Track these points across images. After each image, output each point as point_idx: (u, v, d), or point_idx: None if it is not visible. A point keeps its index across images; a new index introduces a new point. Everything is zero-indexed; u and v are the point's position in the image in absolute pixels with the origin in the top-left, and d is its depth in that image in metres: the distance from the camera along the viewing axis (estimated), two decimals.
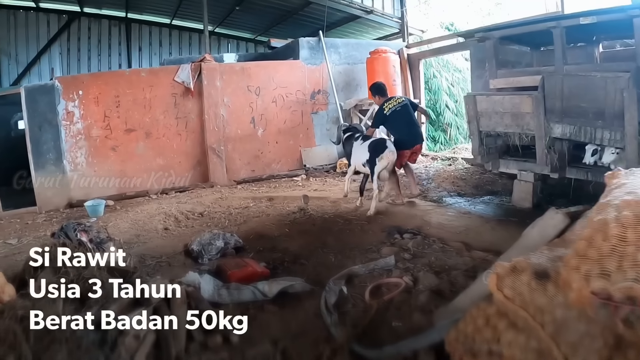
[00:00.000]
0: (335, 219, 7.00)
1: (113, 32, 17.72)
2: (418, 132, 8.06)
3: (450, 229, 6.24)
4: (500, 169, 7.91)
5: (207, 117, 10.59)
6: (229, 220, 7.41)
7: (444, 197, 8.33)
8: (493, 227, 6.27)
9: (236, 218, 7.52)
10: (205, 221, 7.51)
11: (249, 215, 7.65)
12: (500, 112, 7.27)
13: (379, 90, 8.08)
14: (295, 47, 11.90)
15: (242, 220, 7.39)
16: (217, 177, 10.64)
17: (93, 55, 17.37)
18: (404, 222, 6.58)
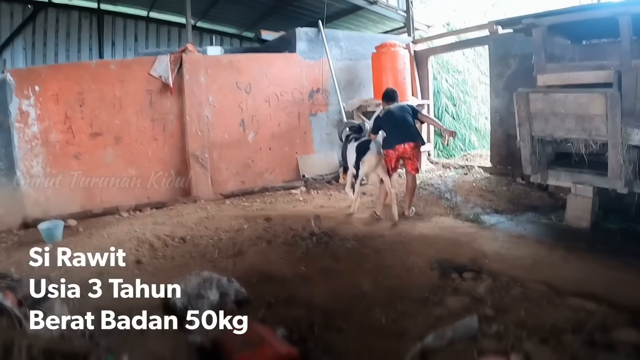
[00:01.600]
0: (361, 249, 5.47)
1: (84, 25, 15.65)
2: (404, 132, 6.86)
3: (514, 262, 4.94)
4: (548, 182, 6.72)
5: (188, 118, 8.83)
6: (219, 250, 5.78)
7: (480, 215, 7.01)
8: (564, 257, 5.06)
9: (228, 246, 5.90)
10: (188, 250, 5.88)
11: (244, 241, 6.02)
12: (560, 114, 6.05)
13: (387, 97, 7.23)
14: (291, 39, 10.23)
15: (237, 249, 5.76)
16: (201, 190, 8.89)
17: (61, 50, 15.30)
18: (449, 252, 5.23)
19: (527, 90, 6.37)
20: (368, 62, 10.36)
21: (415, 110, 7.08)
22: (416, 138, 6.85)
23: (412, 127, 6.89)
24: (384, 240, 5.66)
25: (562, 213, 6.65)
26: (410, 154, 6.77)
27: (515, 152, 8.95)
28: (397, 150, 6.74)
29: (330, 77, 10.13)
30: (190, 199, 8.66)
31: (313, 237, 5.85)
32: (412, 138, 6.78)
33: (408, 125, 6.83)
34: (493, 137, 9.69)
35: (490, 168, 9.64)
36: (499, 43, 9.42)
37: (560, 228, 6.24)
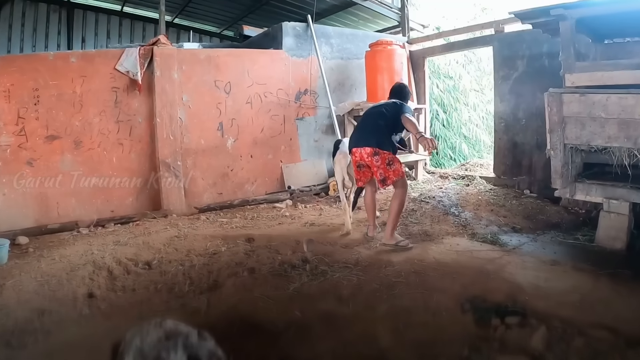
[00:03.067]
0: (370, 283, 4.33)
1: (52, 19, 14.17)
2: (361, 134, 5.82)
3: (559, 298, 3.95)
4: (576, 196, 5.73)
5: (159, 120, 7.67)
6: (191, 280, 4.63)
7: (497, 235, 6.07)
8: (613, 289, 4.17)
9: (202, 275, 4.75)
10: (153, 279, 4.71)
11: (221, 269, 4.88)
12: (600, 119, 5.17)
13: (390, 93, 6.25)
14: (276, 35, 9.15)
15: (212, 280, 4.63)
16: (173, 202, 7.72)
17: (26, 46, 13.72)
18: (478, 286, 4.23)
19: (560, 91, 5.42)
20: (361, 61, 9.37)
21: (399, 111, 5.62)
22: (371, 143, 5.55)
23: (375, 129, 5.62)
24: (395, 270, 4.58)
25: (587, 231, 5.96)
26: (367, 162, 5.59)
27: (522, 162, 8.21)
28: (354, 155, 5.76)
29: (320, 77, 9.10)
30: (160, 213, 7.51)
31: (306, 266, 4.77)
32: (367, 142, 5.58)
33: (369, 127, 5.70)
34: (497, 146, 8.79)
35: (494, 179, 8.77)
36: (504, 43, 8.61)
37: (592, 250, 5.37)
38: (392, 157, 5.52)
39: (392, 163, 5.47)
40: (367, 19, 12.66)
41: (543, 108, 7.66)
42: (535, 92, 7.85)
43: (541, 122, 7.72)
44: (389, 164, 5.45)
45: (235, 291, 4.30)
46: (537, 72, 7.93)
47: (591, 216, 6.59)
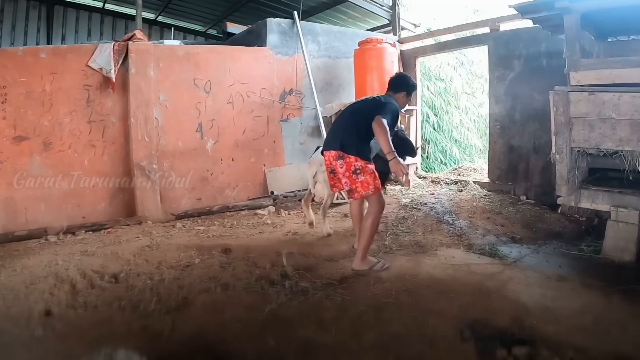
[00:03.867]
0: (355, 304, 3.78)
1: (31, 16, 13.53)
2: (332, 135, 4.90)
3: (570, 321, 3.47)
4: (581, 204, 5.28)
5: (133, 121, 7.12)
6: (158, 296, 4.06)
7: (497, 246, 5.56)
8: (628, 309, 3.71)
9: (171, 291, 4.17)
10: (118, 294, 4.16)
11: (192, 284, 4.32)
12: (610, 120, 4.73)
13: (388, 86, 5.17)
14: (260, 32, 8.61)
15: (181, 297, 4.04)
16: (148, 209, 7.16)
17: (4, 43, 12.94)
18: (479, 308, 3.71)
19: (567, 89, 4.93)
20: (349, 60, 8.90)
21: (374, 110, 4.57)
22: (336, 145, 4.67)
23: (344, 129, 4.75)
24: (384, 289, 4.03)
25: (592, 241, 5.55)
26: (334, 166, 4.74)
27: (518, 166, 7.79)
28: (325, 159, 4.90)
29: (306, 76, 8.57)
30: (134, 220, 6.97)
31: (286, 282, 4.22)
32: (334, 144, 4.71)
33: (340, 127, 4.86)
34: (492, 149, 8.32)
35: (489, 184, 8.32)
36: (500, 42, 8.17)
37: (600, 263, 4.92)
38: (361, 166, 4.54)
39: (359, 173, 4.54)
40: (356, 18, 12.15)
41: (541, 110, 7.37)
42: (532, 93, 7.50)
43: (539, 124, 7.40)
44: (355, 173, 4.54)
45: (204, 311, 3.75)
46: (535, 73, 7.52)
47: (593, 224, 6.20)
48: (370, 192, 4.54)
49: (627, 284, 4.06)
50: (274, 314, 3.62)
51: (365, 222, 4.63)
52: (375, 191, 4.56)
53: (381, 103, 4.67)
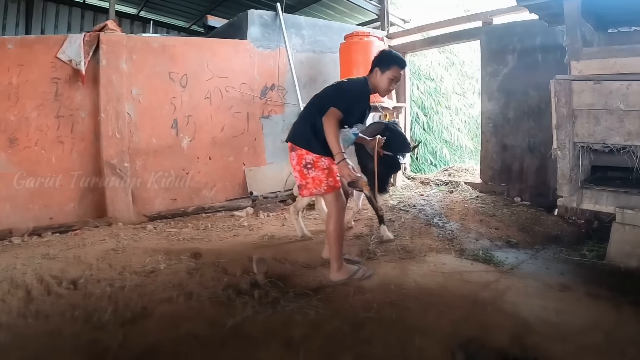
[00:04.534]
0: (332, 320, 3.20)
1: (10, 10, 12.80)
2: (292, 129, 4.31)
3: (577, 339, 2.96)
4: (583, 205, 4.78)
5: (103, 116, 6.59)
6: (116, 305, 3.55)
7: (492, 252, 5.02)
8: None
9: (130, 300, 3.65)
10: (74, 302, 3.66)
11: (154, 292, 3.80)
12: (618, 112, 4.26)
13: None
14: (241, 24, 8.10)
15: (140, 306, 3.53)
16: (119, 209, 6.63)
17: None
18: (473, 323, 3.14)
19: (570, 77, 4.43)
20: (335, 55, 8.36)
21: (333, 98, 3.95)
22: (289, 137, 4.23)
23: (300, 117, 4.28)
24: (365, 301, 3.50)
25: (594, 245, 5.08)
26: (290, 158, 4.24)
27: (512, 166, 7.29)
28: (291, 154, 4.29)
29: (289, 71, 8.05)
30: (103, 222, 6.43)
31: (255, 289, 3.72)
32: (290, 137, 4.22)
33: (299, 117, 4.37)
34: (484, 149, 7.81)
35: (481, 185, 7.79)
36: (493, 36, 7.68)
37: (604, 270, 4.42)
38: (312, 160, 4.02)
39: (310, 167, 4.02)
40: (344, 13, 11.60)
41: (536, 107, 6.89)
42: (527, 89, 7.05)
43: (534, 122, 6.92)
44: (305, 167, 4.04)
45: (161, 324, 3.23)
46: (530, 68, 7.05)
47: (593, 227, 5.73)
48: (323, 190, 4.00)
49: (638, 294, 3.53)
50: (236, 330, 3.09)
51: (327, 228, 4.09)
52: (329, 190, 4.00)
53: (339, 89, 4.09)
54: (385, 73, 3.95)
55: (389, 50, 4.21)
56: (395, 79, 4.00)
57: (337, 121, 3.78)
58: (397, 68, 3.97)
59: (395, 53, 4.11)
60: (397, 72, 3.98)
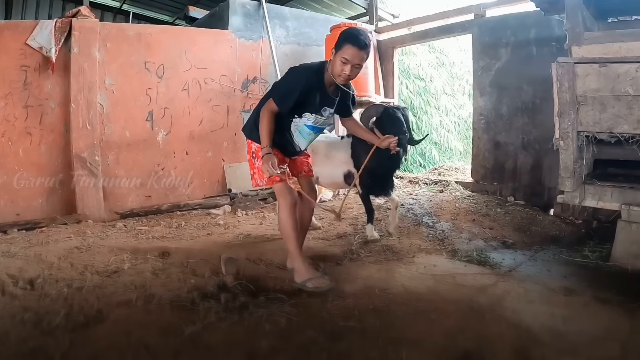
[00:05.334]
0: (307, 329, 2.74)
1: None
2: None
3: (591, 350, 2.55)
4: (585, 202, 4.37)
5: (74, 106, 6.08)
6: (70, 310, 3.09)
7: (487, 252, 4.55)
8: None
9: (86, 303, 3.20)
10: (27, 304, 3.24)
11: (114, 294, 3.38)
12: (627, 97, 3.83)
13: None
14: (223, 14, 7.60)
15: (95, 311, 3.07)
16: (89, 206, 6.11)
17: None
18: (470, 333, 2.72)
19: (573, 60, 4.03)
20: (321, 49, 7.89)
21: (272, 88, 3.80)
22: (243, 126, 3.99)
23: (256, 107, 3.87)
24: (345, 307, 3.03)
25: (596, 245, 4.63)
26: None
27: (505, 165, 6.88)
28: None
29: (271, 63, 7.54)
30: (72, 219, 5.93)
31: (221, 292, 3.27)
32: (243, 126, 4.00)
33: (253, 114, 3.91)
34: (476, 146, 7.37)
35: (472, 184, 7.35)
36: (485, 29, 7.27)
37: (610, 272, 3.97)
38: (256, 149, 3.75)
39: (255, 157, 3.76)
40: (331, 7, 11.12)
41: (530, 102, 6.47)
42: (520, 84, 6.66)
43: (528, 118, 6.53)
44: (253, 156, 3.79)
45: (112, 331, 2.78)
46: (524, 62, 6.65)
47: (593, 227, 5.32)
48: (265, 181, 3.66)
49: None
50: (193, 340, 2.63)
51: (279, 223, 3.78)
52: (270, 182, 3.64)
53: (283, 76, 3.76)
54: (337, 54, 3.39)
55: (347, 28, 3.71)
56: (349, 61, 3.34)
57: (269, 113, 3.47)
58: (349, 47, 3.32)
59: (354, 31, 3.49)
60: (350, 52, 3.32)
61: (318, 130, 3.78)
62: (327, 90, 3.57)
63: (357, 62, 3.36)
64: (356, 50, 3.32)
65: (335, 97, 3.66)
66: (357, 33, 3.39)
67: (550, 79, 4.30)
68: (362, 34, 3.39)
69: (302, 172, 3.96)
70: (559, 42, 4.57)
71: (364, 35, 3.39)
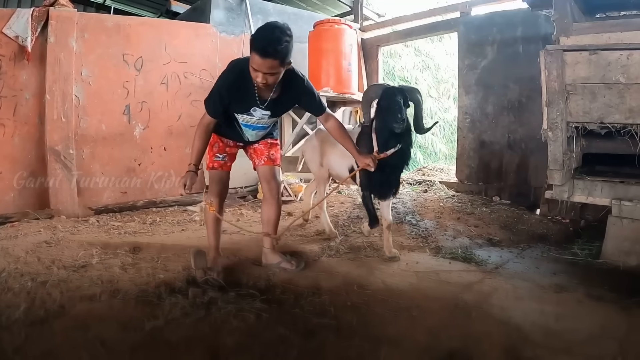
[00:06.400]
0: (278, 326, 2.51)
1: None
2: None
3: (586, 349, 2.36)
4: (574, 198, 4.18)
5: (49, 97, 5.80)
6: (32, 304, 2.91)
7: (472, 250, 4.34)
8: None
9: (49, 296, 3.02)
10: None
11: (79, 289, 3.17)
12: (619, 86, 3.66)
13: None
14: (205, 7, 7.34)
15: (57, 306, 2.87)
16: (62, 201, 5.82)
17: None
18: (455, 332, 2.50)
19: (562, 47, 3.84)
20: (304, 45, 7.59)
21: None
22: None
23: None
24: (321, 303, 2.80)
25: (585, 243, 4.40)
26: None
27: (490, 164, 6.66)
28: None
29: None
30: (45, 214, 5.64)
31: (190, 287, 3.04)
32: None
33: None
34: (461, 146, 7.13)
35: (457, 184, 7.10)
36: (472, 27, 7.05)
37: (602, 269, 3.77)
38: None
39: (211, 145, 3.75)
40: (315, 5, 10.78)
41: (516, 101, 6.28)
42: (507, 82, 6.45)
43: (514, 117, 6.34)
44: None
45: (70, 326, 2.58)
46: (510, 60, 6.45)
47: (581, 226, 5.09)
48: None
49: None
50: (154, 335, 2.39)
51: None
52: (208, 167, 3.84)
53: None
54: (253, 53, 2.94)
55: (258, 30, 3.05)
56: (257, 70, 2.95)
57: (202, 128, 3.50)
58: (253, 54, 2.91)
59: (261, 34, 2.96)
60: (256, 60, 2.91)
61: (261, 128, 3.52)
62: (256, 88, 3.16)
63: (265, 71, 2.95)
64: (259, 59, 2.90)
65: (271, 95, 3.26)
66: (262, 38, 2.92)
67: (537, 77, 4.14)
68: (270, 40, 2.90)
69: (261, 161, 3.73)
70: (546, 40, 4.40)
71: (273, 40, 2.90)
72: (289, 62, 3.06)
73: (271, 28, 2.97)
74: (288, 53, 2.98)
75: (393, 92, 3.66)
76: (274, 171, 3.74)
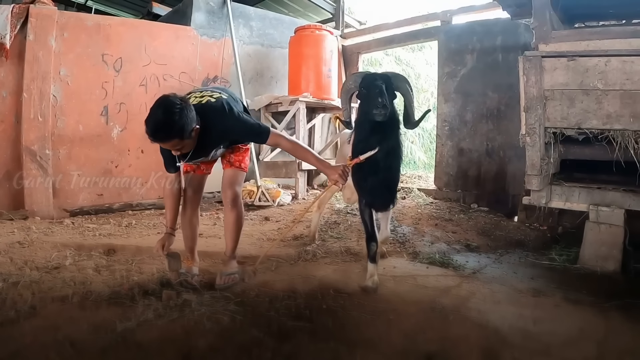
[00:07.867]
0: (251, 329, 2.43)
1: None
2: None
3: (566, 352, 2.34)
4: (552, 204, 4.14)
5: (26, 96, 5.67)
6: (3, 303, 2.83)
7: (450, 255, 4.32)
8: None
9: (19, 298, 2.91)
10: None
11: (51, 290, 3.08)
12: (596, 92, 3.68)
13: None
14: (186, 10, 7.23)
15: (28, 307, 2.76)
16: (38, 202, 5.69)
17: None
18: (432, 335, 2.43)
19: (540, 54, 3.87)
20: (285, 51, 7.63)
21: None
22: None
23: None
24: (297, 306, 2.71)
25: (562, 249, 4.39)
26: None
27: (468, 172, 6.66)
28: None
29: (234, 63, 7.20)
30: (19, 214, 5.50)
31: (164, 289, 2.96)
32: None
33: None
34: (439, 153, 7.12)
35: (435, 191, 7.09)
36: (452, 35, 7.09)
37: (579, 274, 3.76)
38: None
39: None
40: (297, 11, 10.76)
41: (495, 109, 6.28)
42: (486, 90, 6.47)
43: (492, 125, 6.34)
44: None
45: (42, 326, 2.50)
46: (489, 68, 6.48)
47: (558, 232, 5.11)
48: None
49: (622, 299, 2.99)
50: (125, 337, 2.30)
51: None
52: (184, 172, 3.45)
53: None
54: None
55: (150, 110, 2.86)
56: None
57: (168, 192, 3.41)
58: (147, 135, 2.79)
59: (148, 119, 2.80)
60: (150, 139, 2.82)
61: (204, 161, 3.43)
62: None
63: (172, 148, 2.91)
64: (151, 139, 2.81)
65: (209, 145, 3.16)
66: (149, 124, 2.77)
67: (516, 85, 4.16)
68: (155, 126, 2.76)
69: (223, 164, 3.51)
70: (526, 49, 4.37)
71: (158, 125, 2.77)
72: (192, 129, 2.85)
73: (154, 111, 2.81)
74: (184, 126, 2.78)
75: (373, 77, 3.16)
76: (231, 175, 3.46)
